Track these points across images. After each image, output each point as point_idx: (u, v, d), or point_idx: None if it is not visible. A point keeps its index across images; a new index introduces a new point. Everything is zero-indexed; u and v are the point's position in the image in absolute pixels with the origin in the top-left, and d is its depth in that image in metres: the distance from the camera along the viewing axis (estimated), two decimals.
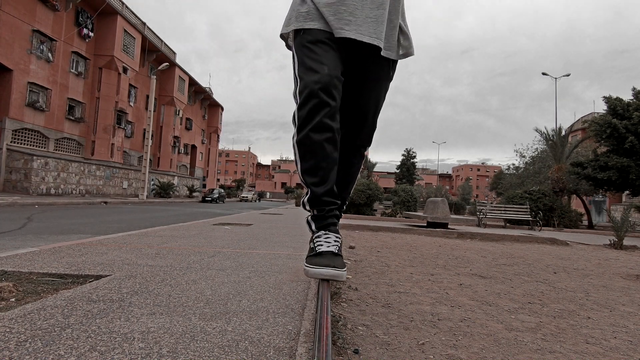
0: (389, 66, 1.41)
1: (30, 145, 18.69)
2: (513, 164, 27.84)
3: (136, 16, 25.78)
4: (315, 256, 1.25)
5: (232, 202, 35.04)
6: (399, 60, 1.46)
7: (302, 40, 1.28)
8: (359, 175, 1.64)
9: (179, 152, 33.97)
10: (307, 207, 1.36)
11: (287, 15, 1.38)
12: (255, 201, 40.52)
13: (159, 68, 23.18)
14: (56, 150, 20.20)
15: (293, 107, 1.30)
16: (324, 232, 1.29)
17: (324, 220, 1.32)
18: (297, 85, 1.27)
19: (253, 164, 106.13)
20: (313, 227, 1.35)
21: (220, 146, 54.86)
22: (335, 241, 1.28)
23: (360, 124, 1.45)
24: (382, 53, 1.31)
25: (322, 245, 1.26)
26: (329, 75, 1.20)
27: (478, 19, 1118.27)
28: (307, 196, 1.33)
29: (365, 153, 1.67)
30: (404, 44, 1.40)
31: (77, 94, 21.37)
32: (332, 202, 1.31)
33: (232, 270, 2.13)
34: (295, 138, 1.28)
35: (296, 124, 1.25)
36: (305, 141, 1.24)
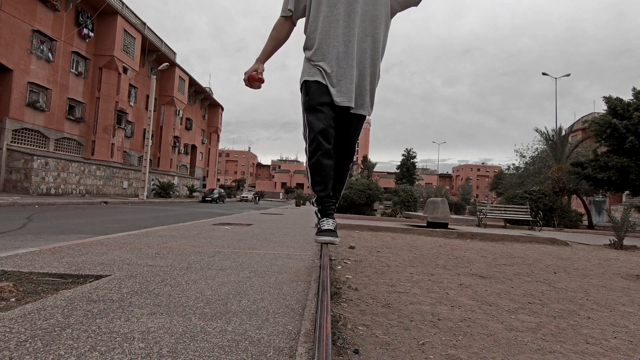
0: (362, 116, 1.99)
1: (31, 145, 18.67)
2: (513, 164, 27.83)
3: (136, 16, 25.77)
4: (320, 232, 1.90)
5: (232, 202, 35.03)
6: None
7: None
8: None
9: (179, 152, 33.95)
10: (315, 205, 2.06)
11: None
12: (255, 202, 40.41)
13: (159, 68, 23.15)
14: (56, 150, 20.19)
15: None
16: (325, 218, 1.94)
17: (325, 211, 1.95)
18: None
19: (253, 164, 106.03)
20: (319, 215, 1.99)
21: (221, 146, 54.84)
22: (332, 223, 1.91)
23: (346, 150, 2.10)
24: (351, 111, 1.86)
25: (324, 225, 1.91)
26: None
27: (479, 18, 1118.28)
28: (315, 198, 2.02)
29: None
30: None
31: (77, 94, 21.36)
32: (329, 201, 1.96)
33: (232, 270, 2.12)
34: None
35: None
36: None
